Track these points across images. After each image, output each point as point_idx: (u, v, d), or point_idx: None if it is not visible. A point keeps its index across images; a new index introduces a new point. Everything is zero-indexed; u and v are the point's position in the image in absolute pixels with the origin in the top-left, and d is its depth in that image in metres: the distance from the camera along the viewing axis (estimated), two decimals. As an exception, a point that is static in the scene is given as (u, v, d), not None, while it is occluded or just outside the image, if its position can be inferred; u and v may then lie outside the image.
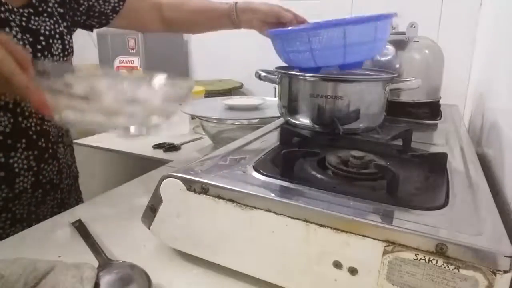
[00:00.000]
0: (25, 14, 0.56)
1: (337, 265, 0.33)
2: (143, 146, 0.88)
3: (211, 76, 2.12)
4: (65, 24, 0.64)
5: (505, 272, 0.27)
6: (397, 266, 0.31)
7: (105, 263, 0.40)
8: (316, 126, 0.61)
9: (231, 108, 0.85)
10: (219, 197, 0.38)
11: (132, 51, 1.72)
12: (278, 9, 0.69)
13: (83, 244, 0.45)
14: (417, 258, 0.30)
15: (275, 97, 0.86)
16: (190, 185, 0.40)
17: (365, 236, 0.32)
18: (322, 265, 0.34)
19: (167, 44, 2.19)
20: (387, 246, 0.31)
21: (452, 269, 0.29)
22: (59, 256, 0.42)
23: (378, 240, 0.31)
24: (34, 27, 0.57)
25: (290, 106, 0.64)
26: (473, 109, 1.05)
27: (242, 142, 0.54)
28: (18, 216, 0.60)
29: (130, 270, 0.39)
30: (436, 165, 0.45)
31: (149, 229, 0.44)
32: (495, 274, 0.28)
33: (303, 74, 0.62)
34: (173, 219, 0.41)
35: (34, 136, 0.59)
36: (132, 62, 1.71)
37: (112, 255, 0.43)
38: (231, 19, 0.74)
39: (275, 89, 0.79)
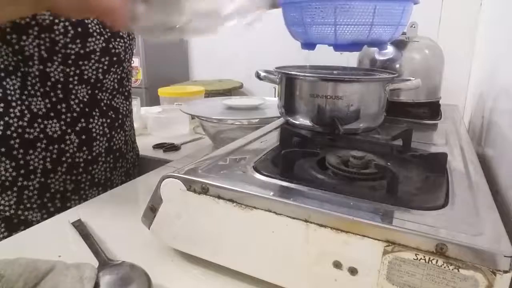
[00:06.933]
0: None
1: (337, 265, 0.33)
2: (143, 146, 0.88)
3: (211, 76, 2.12)
4: None
5: (505, 272, 0.27)
6: (397, 266, 0.31)
7: (105, 263, 0.40)
8: (316, 126, 0.61)
9: (231, 108, 0.85)
10: (219, 197, 0.38)
11: (133, 51, 1.73)
12: None
13: (83, 244, 0.45)
14: (417, 258, 0.30)
15: (275, 97, 0.86)
16: (190, 185, 0.40)
17: (365, 236, 0.32)
18: (322, 265, 0.34)
19: (167, 44, 2.19)
20: (387, 246, 0.31)
21: (452, 269, 0.29)
22: (59, 256, 0.42)
23: (378, 240, 0.31)
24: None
25: (290, 106, 0.64)
26: (473, 109, 1.05)
27: (242, 142, 0.54)
28: (96, 180, 0.69)
29: (130, 270, 0.39)
30: (436, 165, 0.45)
31: (149, 229, 0.44)
32: (495, 274, 0.28)
33: (303, 74, 0.61)
34: (173, 219, 0.41)
35: (104, 108, 0.68)
36: (132, 62, 1.72)
37: (112, 255, 0.43)
38: None
39: (275, 89, 0.79)
